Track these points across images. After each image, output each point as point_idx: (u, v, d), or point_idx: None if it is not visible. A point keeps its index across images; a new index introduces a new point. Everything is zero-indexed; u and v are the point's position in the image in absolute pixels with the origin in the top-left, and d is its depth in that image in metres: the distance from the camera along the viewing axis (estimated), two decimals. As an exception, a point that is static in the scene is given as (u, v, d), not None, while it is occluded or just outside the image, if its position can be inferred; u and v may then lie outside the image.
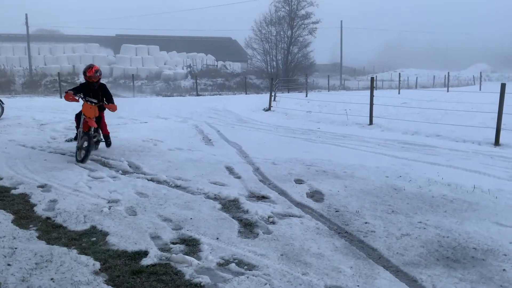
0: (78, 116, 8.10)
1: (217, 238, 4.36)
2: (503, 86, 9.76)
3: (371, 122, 12.99)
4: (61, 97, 26.66)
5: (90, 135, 7.67)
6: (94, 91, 8.09)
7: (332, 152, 8.79)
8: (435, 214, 5.07)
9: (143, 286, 3.40)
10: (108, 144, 8.79)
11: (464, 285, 3.43)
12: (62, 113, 15.98)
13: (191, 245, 4.20)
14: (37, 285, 3.40)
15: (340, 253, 4.02)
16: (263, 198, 5.74)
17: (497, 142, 9.49)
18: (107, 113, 8.62)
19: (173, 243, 4.24)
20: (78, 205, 5.34)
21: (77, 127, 8.06)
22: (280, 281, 3.49)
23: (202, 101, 24.21)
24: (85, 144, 7.68)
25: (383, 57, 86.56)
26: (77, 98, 7.91)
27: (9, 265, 3.73)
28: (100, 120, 8.29)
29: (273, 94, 19.95)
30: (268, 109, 18.28)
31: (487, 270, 3.69)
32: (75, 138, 8.31)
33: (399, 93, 28.61)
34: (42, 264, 3.76)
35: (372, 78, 14.22)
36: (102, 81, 8.60)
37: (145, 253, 3.99)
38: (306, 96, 25.77)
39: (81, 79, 43.04)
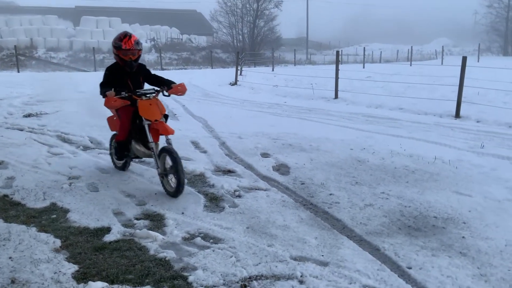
0: (131, 122, 5.14)
1: (183, 213, 4.31)
2: (464, 60, 9.96)
3: (336, 96, 13.07)
4: (18, 71, 25.60)
5: (171, 149, 4.68)
6: (132, 76, 5.14)
7: (298, 125, 8.81)
8: (398, 184, 5.17)
9: (106, 262, 3.33)
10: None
11: (425, 252, 3.52)
12: (20, 87, 15.35)
13: (156, 221, 4.14)
14: (-6, 265, 3.28)
15: (305, 225, 4.05)
16: (229, 172, 5.70)
17: (457, 115, 9.74)
18: (63, 85, 8.21)
19: (137, 219, 4.17)
20: (37, 182, 5.16)
21: (122, 139, 5.21)
22: (246, 253, 3.49)
23: (167, 76, 23.69)
24: (169, 163, 4.72)
25: (349, 32, 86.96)
26: (124, 97, 4.84)
27: (-37, 245, 3.58)
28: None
29: (239, 68, 19.76)
30: (234, 83, 18.12)
31: (447, 237, 3.80)
32: (119, 157, 5.46)
33: (363, 67, 28.88)
34: (-1, 243, 3.63)
35: (337, 52, 14.25)
36: (63, 55, 7.83)
37: (107, 230, 3.90)
38: (273, 70, 25.67)
39: (40, 53, 41.15)
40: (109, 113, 5.53)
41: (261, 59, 39.64)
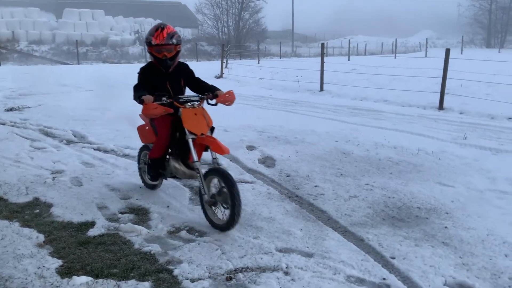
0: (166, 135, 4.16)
1: (168, 207, 4.30)
2: (447, 52, 10.06)
3: (321, 89, 13.11)
4: (0, 65, 25.14)
5: (223, 171, 3.78)
6: (171, 78, 4.22)
7: (283, 118, 8.82)
8: (382, 176, 5.22)
9: (90, 256, 3.31)
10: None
11: (408, 242, 3.57)
12: (2, 81, 15.08)
13: (141, 214, 4.12)
14: (-24, 261, 3.23)
15: (290, 217, 4.07)
16: (214, 165, 5.68)
17: (441, 106, 9.84)
18: (44, 78, 8.09)
19: (122, 213, 4.15)
20: (20, 177, 5.09)
21: (157, 156, 4.24)
22: (232, 246, 3.49)
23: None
24: (215, 186, 3.87)
25: (334, 24, 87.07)
26: (165, 103, 3.91)
27: None
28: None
29: (224, 61, 19.67)
30: (220, 76, 18.04)
31: (430, 228, 3.85)
32: (153, 177, 4.43)
33: (349, 59, 28.96)
34: (-20, 239, 3.57)
35: (322, 45, 14.26)
36: (45, 48, 7.49)
37: (92, 224, 3.87)
38: (258, 63, 25.62)
39: (22, 46, 40.46)
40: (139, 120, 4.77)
41: (247, 51, 39.52)
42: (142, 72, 4.19)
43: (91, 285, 2.93)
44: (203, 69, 21.38)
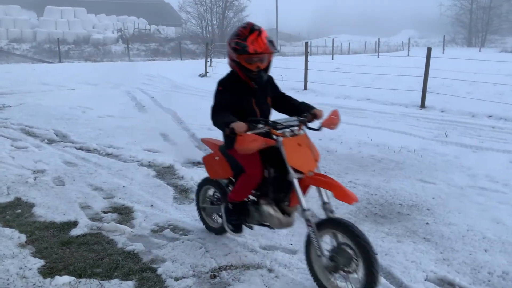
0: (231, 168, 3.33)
1: (151, 205, 4.28)
2: (428, 51, 10.19)
3: (305, 87, 13.17)
4: (-21, 63, 24.66)
5: (346, 222, 2.78)
6: (257, 95, 3.21)
7: (267, 116, 8.83)
8: (364, 173, 5.28)
9: (73, 256, 3.29)
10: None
11: (391, 239, 3.62)
12: (-19, 80, 14.83)
13: (124, 214, 4.10)
14: (-45, 262, 3.18)
15: (274, 215, 4.08)
16: (199, 164, 5.68)
17: (422, 105, 9.96)
18: (41, 76, 7.97)
19: (105, 212, 4.12)
20: (1, 177, 5.02)
21: (241, 198, 3.24)
22: (215, 244, 3.50)
23: (134, 67, 23.35)
24: (329, 242, 2.89)
25: (318, 23, 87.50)
26: (262, 132, 2.92)
27: None
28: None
29: (209, 59, 19.62)
30: (204, 75, 17.99)
31: (412, 224, 3.91)
32: (237, 227, 3.34)
33: (332, 58, 29.12)
34: (-40, 240, 3.52)
35: (306, 44, 14.32)
36: (26, 46, 7.41)
37: (74, 224, 3.84)
38: (242, 61, 25.57)
39: (2, 45, 39.71)
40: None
41: (231, 50, 39.37)
42: (225, 88, 3.11)
43: (74, 285, 2.91)
44: (187, 68, 21.34)
